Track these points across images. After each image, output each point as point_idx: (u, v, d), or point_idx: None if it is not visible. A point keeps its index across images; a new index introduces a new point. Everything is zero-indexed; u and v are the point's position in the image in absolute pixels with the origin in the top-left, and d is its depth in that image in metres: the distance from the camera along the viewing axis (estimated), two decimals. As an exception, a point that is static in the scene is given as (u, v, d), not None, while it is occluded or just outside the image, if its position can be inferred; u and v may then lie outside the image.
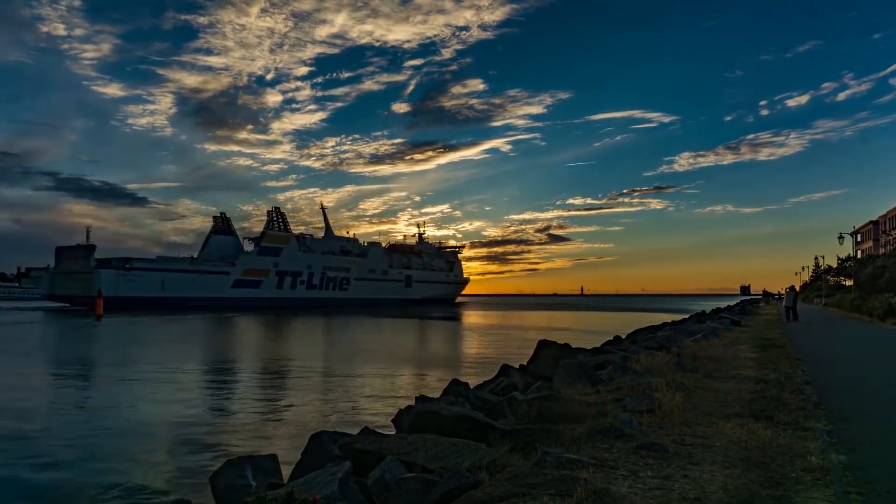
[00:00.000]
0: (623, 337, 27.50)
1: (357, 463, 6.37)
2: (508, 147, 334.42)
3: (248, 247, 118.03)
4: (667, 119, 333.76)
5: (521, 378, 14.41)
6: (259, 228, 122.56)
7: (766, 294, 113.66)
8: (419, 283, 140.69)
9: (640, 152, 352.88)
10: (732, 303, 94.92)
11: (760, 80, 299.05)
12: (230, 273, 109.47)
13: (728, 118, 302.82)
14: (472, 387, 13.08)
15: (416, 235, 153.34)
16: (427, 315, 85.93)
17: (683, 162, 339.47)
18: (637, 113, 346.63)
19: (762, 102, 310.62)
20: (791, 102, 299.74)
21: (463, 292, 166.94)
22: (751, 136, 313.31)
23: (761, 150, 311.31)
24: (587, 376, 11.33)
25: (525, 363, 16.71)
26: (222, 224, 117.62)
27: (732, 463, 5.94)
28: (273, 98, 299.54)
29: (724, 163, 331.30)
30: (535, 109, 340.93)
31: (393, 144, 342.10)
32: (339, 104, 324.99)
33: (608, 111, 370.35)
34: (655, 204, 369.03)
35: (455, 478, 5.25)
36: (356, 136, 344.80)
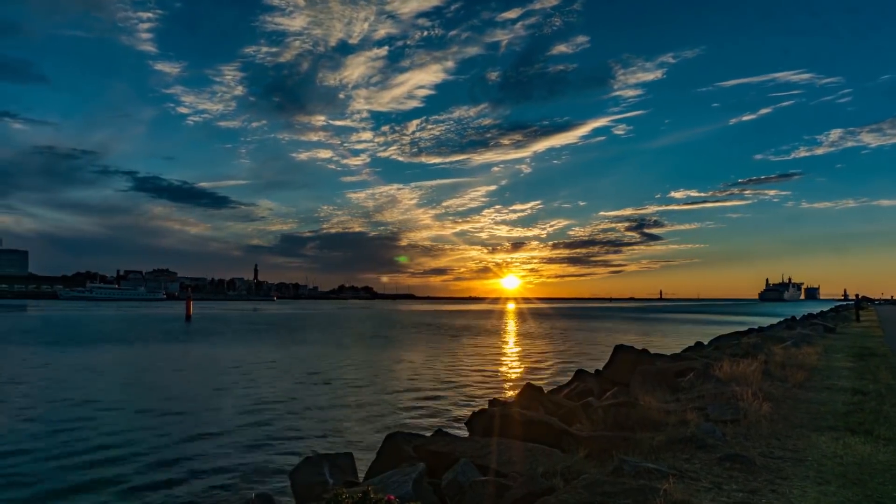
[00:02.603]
0: (705, 343, 26.43)
1: (431, 464, 6.42)
2: (612, 129, 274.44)
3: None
4: (822, 82, 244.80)
5: (596, 383, 14.12)
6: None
7: (860, 300, 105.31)
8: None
9: (777, 128, 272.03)
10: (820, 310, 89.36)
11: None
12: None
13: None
14: (546, 391, 12.94)
15: (788, 279, 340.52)
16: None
17: (828, 141, 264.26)
18: (783, 75, 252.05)
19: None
20: None
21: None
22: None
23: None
24: (666, 383, 10.97)
25: (600, 368, 16.37)
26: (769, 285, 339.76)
27: (826, 479, 5.58)
28: (351, 72, 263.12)
29: (875, 144, 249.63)
30: (651, 75, 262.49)
31: (480, 129, 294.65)
32: (422, 75, 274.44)
33: (744, 75, 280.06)
34: (772, 196, 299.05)
35: (529, 483, 5.20)
36: (439, 117, 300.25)
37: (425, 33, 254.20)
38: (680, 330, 61.97)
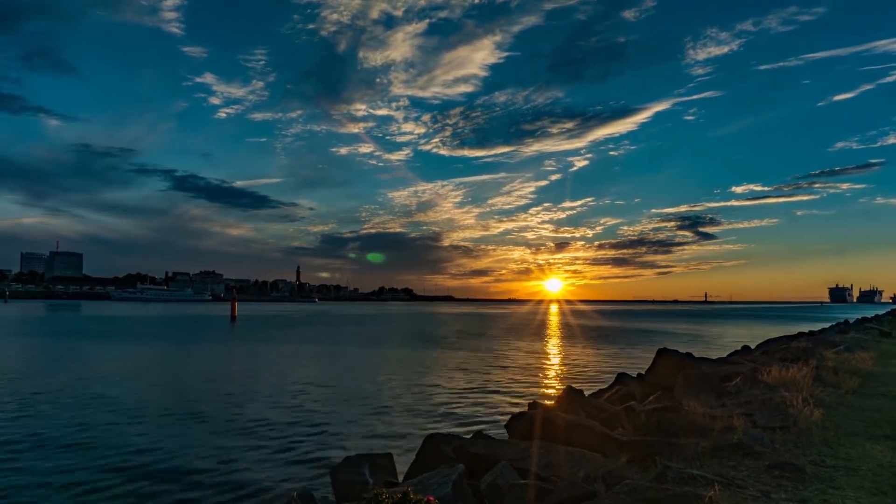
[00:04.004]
0: (752, 347, 25.72)
1: (470, 466, 6.41)
2: (674, 114, 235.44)
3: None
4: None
5: (639, 387, 13.89)
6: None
7: None
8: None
9: (870, 110, 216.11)
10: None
11: None
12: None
13: None
14: (586, 394, 12.78)
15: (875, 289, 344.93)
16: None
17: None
18: (882, 44, 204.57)
19: None
20: None
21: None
22: None
23: None
24: (712, 388, 10.69)
25: (643, 372, 16.08)
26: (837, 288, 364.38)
27: (882, 489, 5.35)
28: (393, 52, 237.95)
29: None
30: (725, 48, 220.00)
31: (528, 116, 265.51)
32: (469, 53, 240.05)
33: (838, 45, 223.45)
34: (845, 190, 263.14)
35: (570, 487, 5.14)
36: (485, 102, 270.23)
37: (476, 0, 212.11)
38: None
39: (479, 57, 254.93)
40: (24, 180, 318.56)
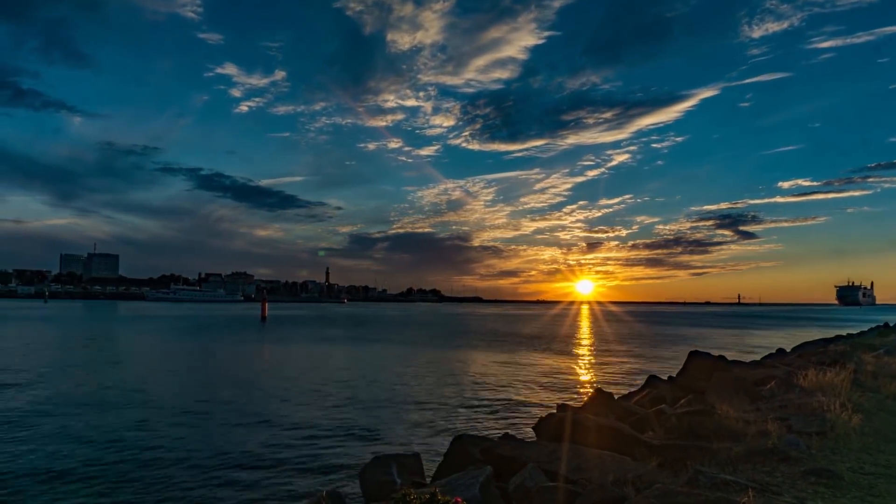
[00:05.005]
0: (787, 350, 25.16)
1: (498, 468, 6.40)
2: (724, 100, 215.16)
3: None
4: None
5: (669, 390, 13.68)
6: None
7: None
8: None
9: None
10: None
11: None
12: None
13: None
14: (616, 397, 12.66)
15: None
16: None
17: None
18: None
19: None
20: None
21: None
22: None
23: None
24: (745, 392, 10.49)
25: (673, 374, 15.84)
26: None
27: (925, 498, 5.18)
28: (424, 34, 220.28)
29: None
30: (786, 23, 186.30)
31: (563, 105, 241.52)
32: (504, 33, 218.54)
33: None
34: None
35: (599, 491, 5.10)
36: (519, 90, 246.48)
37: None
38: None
39: (514, 38, 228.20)
40: (50, 180, 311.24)
